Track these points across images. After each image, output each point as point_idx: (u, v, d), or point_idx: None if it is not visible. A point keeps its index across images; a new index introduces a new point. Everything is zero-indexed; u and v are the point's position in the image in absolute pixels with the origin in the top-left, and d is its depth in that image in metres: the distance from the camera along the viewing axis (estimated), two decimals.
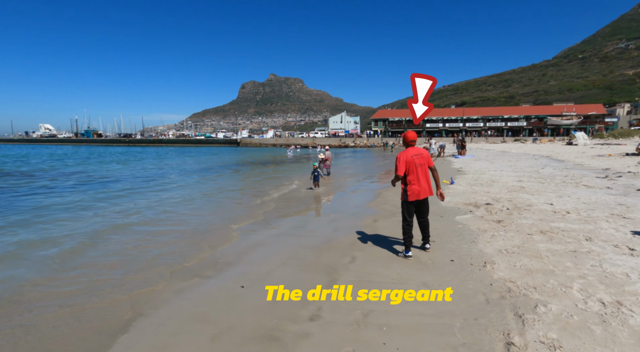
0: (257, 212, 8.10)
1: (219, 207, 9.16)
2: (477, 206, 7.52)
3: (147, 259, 4.89)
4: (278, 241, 5.67)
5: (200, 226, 6.88)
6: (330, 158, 16.47)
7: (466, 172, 14.87)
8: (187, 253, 5.13)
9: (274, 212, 8.15)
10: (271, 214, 7.90)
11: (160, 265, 4.64)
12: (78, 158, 33.93)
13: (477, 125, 76.08)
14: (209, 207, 9.14)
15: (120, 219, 7.62)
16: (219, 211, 8.55)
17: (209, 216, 7.91)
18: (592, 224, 5.60)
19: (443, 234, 5.53)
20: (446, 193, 9.57)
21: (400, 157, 4.37)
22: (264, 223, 7.03)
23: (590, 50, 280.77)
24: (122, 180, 15.73)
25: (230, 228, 6.62)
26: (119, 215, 7.99)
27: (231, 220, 7.32)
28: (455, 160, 22.52)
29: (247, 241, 5.74)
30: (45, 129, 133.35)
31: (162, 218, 7.66)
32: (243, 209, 8.75)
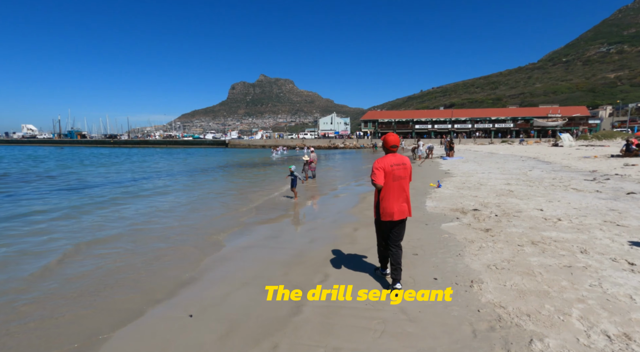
0: (232, 222, 7.51)
1: (192, 217, 8.51)
2: (464, 212, 7.10)
3: (92, 289, 4.26)
4: (247, 255, 5.11)
5: (166, 240, 6.24)
6: (315, 160, 15.94)
7: (454, 175, 14.54)
8: (141, 275, 4.51)
9: (251, 221, 7.58)
10: (247, 223, 7.32)
11: (105, 291, 4.02)
12: (57, 160, 32.58)
13: (465, 127, 76.73)
14: (181, 218, 8.50)
15: (77, 235, 6.92)
16: (191, 221, 7.91)
17: (179, 228, 7.28)
18: (585, 233, 5.21)
19: (427, 246, 5.06)
20: (433, 197, 9.15)
21: (379, 165, 3.52)
22: (238, 234, 6.45)
23: (574, 53, 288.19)
24: (98, 186, 14.89)
25: (200, 241, 6.02)
26: (78, 230, 7.28)
27: (203, 231, 6.72)
28: (444, 162, 22.28)
29: (214, 255, 5.16)
30: (28, 130, 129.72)
31: (125, 233, 7.00)
32: (219, 220, 8.13)
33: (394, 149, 3.63)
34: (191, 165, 26.89)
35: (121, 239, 6.22)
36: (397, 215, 3.57)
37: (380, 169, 3.51)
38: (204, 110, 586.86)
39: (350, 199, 9.98)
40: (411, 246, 5.07)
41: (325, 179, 15.99)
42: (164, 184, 14.80)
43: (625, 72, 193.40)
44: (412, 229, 6.05)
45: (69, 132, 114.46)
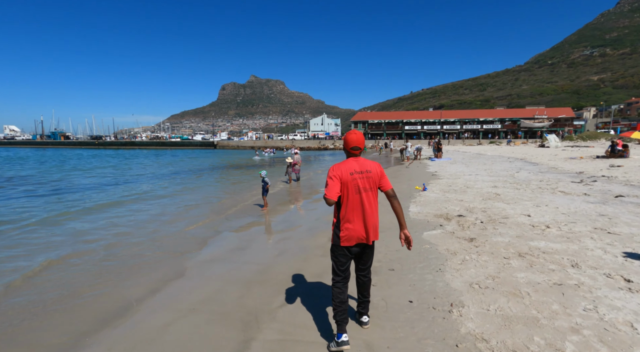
0: (203, 232, 6.94)
1: (161, 228, 7.90)
2: (448, 219, 6.67)
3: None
4: (206, 272, 4.56)
5: (120, 257, 5.63)
6: (299, 162, 15.42)
7: (441, 177, 14.20)
8: (74, 304, 3.91)
9: (221, 230, 7.02)
10: (217, 232, 6.77)
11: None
12: (35, 162, 31.27)
13: (454, 128, 77.22)
14: (149, 229, 7.88)
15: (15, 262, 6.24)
16: (160, 233, 7.29)
17: (145, 242, 6.67)
18: (575, 243, 4.82)
19: (406, 259, 4.59)
20: (417, 201, 8.73)
21: (334, 173, 2.61)
22: (204, 245, 5.89)
23: (559, 56, 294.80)
24: (57, 192, 14.07)
25: (161, 256, 5.44)
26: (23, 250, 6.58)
27: (168, 244, 6.13)
28: (432, 164, 22.02)
29: (170, 273, 4.59)
30: (10, 131, 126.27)
31: (78, 251, 6.36)
32: (190, 231, 7.54)
33: (355, 151, 2.72)
34: (172, 167, 26.05)
35: (69, 260, 5.58)
36: (362, 239, 2.66)
37: (335, 178, 2.59)
38: (194, 111, 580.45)
39: None
40: (388, 259, 4.60)
41: (309, 182, 15.49)
42: (136, 192, 14.05)
43: (607, 74, 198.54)
44: (391, 238, 5.59)
45: (52, 133, 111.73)
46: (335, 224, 2.74)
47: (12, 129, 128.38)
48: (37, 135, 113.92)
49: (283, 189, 13.57)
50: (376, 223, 2.75)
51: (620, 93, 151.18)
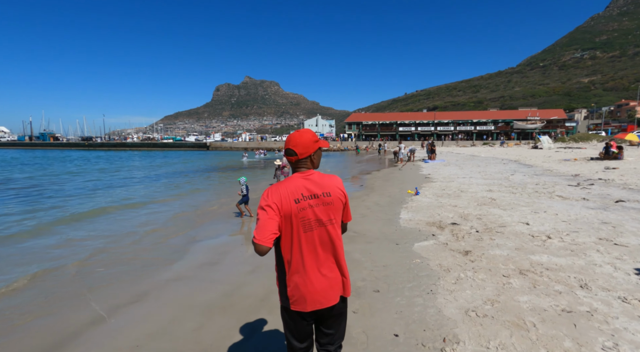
0: (176, 243, 6.36)
1: (138, 242, 7.28)
2: (441, 227, 6.17)
3: None
4: (164, 294, 3.99)
5: (81, 278, 5.03)
6: (287, 165, 14.87)
7: (434, 180, 13.76)
8: (7, 341, 3.32)
9: (200, 236, 6.45)
10: (190, 243, 6.19)
11: None
12: (18, 164, 30.25)
13: (448, 129, 77.31)
14: (123, 243, 7.26)
15: None
16: (132, 247, 6.69)
17: (108, 263, 6.06)
18: (581, 257, 4.35)
19: (394, 276, 4.07)
20: (409, 207, 8.24)
21: (269, 200, 1.65)
22: (172, 260, 5.31)
23: (550, 59, 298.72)
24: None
25: (125, 273, 4.85)
26: None
27: (137, 259, 5.54)
28: (425, 166, 21.62)
29: (126, 296, 4.01)
30: (1, 132, 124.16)
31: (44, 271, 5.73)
32: (159, 246, 6.95)
33: (302, 160, 1.77)
34: (161, 170, 25.30)
35: (31, 282, 4.96)
36: (322, 298, 1.71)
37: (270, 210, 1.63)
38: (188, 112, 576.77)
39: None
40: (374, 277, 4.07)
41: None
42: (120, 197, 13.36)
43: (598, 77, 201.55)
44: (380, 250, 5.07)
45: (41, 134, 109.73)
46: (279, 278, 1.79)
47: (2, 130, 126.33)
48: (25, 136, 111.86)
49: None
50: (345, 271, 1.78)
51: (611, 95, 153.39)
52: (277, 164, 14.50)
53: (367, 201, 9.69)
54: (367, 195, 10.76)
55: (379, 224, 6.81)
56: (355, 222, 6.98)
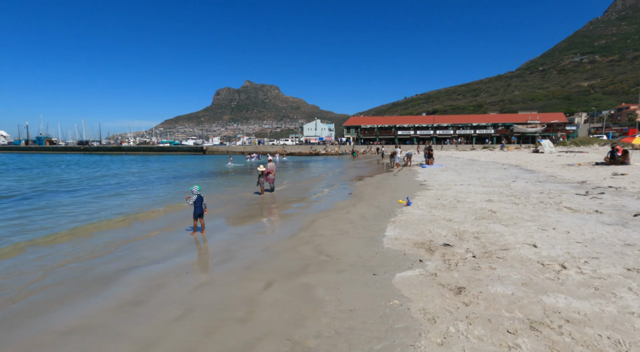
0: (104, 271, 5.30)
1: (66, 268, 6.24)
2: (431, 250, 5.13)
3: None
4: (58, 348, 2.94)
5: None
6: (273, 171, 13.82)
7: (429, 187, 12.72)
8: None
9: (140, 261, 5.41)
10: (127, 268, 5.15)
11: None
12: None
13: (447, 133, 76.41)
14: (49, 265, 6.21)
15: None
16: (55, 275, 5.64)
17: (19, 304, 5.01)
18: (610, 300, 3.31)
19: (360, 331, 3.02)
20: (397, 222, 7.19)
21: None
22: (95, 290, 4.27)
23: (550, 63, 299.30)
24: None
25: (24, 323, 3.80)
26: None
27: (53, 294, 4.50)
28: (422, 171, 20.59)
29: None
30: (0, 136, 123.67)
31: None
32: (94, 270, 5.89)
33: None
34: (139, 175, 24.28)
35: None
36: None
37: None
38: (188, 116, 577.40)
39: (296, 223, 7.90)
40: (333, 332, 3.02)
41: (285, 193, 13.89)
42: (73, 213, 12.29)
43: (597, 80, 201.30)
44: (351, 285, 4.03)
45: (38, 138, 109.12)
46: None
47: (2, 134, 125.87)
48: (21, 140, 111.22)
49: (252, 201, 11.97)
50: None
51: (610, 99, 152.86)
52: (260, 171, 13.49)
53: (352, 213, 8.65)
54: (353, 205, 9.71)
55: (358, 244, 5.76)
56: (331, 242, 5.94)
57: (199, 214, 7.11)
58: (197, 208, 7.03)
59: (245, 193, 13.88)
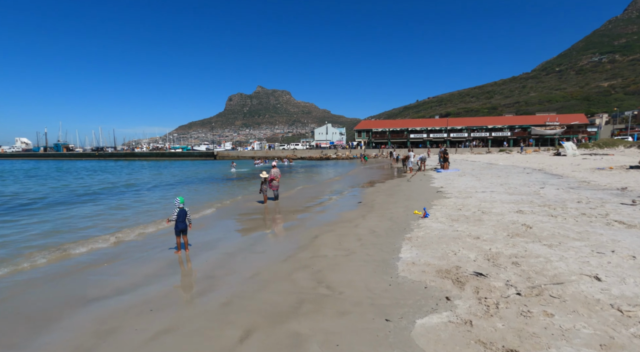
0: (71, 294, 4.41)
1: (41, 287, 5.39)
2: (459, 282, 4.03)
3: None
4: None
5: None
6: (278, 177, 12.88)
7: (447, 195, 11.52)
8: None
9: (121, 283, 4.51)
10: (97, 296, 4.24)
11: None
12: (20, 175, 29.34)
13: (461, 136, 74.32)
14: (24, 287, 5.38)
15: None
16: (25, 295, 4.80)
17: None
18: None
19: None
20: (414, 239, 6.09)
21: None
22: (57, 320, 3.35)
23: (567, 63, 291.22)
24: None
25: None
26: None
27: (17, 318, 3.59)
28: (437, 176, 19.31)
29: None
30: (22, 143, 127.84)
31: None
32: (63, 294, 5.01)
33: None
34: (138, 180, 23.75)
35: None
36: None
37: None
38: (201, 122, 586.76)
39: (295, 238, 6.88)
40: None
41: (290, 201, 12.92)
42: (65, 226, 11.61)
43: (618, 80, 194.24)
44: (356, 338, 2.97)
45: (56, 144, 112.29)
46: None
47: (24, 142, 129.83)
48: (40, 147, 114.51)
49: (253, 210, 11.05)
50: None
51: (633, 99, 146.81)
52: (262, 177, 12.56)
53: (360, 226, 7.58)
54: (362, 217, 8.64)
55: (367, 270, 4.71)
56: (334, 266, 4.90)
57: (182, 230, 6.18)
58: (179, 223, 6.11)
59: (247, 203, 12.97)
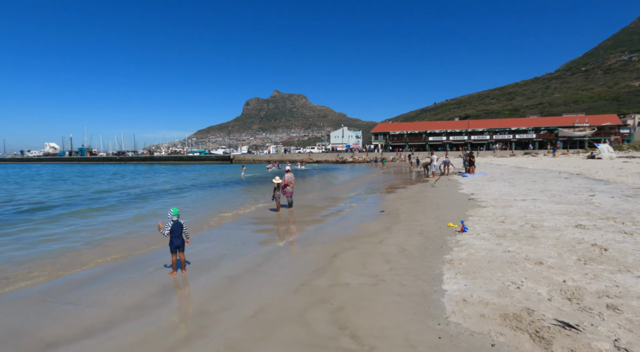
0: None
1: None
2: (542, 340, 2.84)
3: None
4: None
5: None
6: (292, 183, 11.88)
7: (482, 203, 10.19)
8: None
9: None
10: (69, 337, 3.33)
11: None
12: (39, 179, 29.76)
13: (483, 138, 71.51)
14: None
15: None
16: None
17: None
18: None
19: None
20: (456, 262, 4.91)
21: None
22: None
23: (593, 62, 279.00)
24: None
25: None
26: None
27: None
28: (464, 181, 17.84)
29: None
30: (51, 148, 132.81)
31: None
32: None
33: None
34: (142, 185, 23.30)
35: None
36: None
37: None
38: (219, 126, 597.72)
39: (310, 257, 5.81)
40: None
41: (303, 208, 11.89)
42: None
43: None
44: None
45: (80, 149, 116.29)
46: None
47: (52, 146, 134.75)
48: (65, 151, 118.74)
49: (265, 220, 10.08)
50: None
51: None
52: (275, 183, 11.59)
53: (387, 242, 6.43)
54: (387, 230, 7.48)
55: (404, 309, 3.58)
56: (359, 301, 3.80)
57: (177, 246, 5.24)
58: (174, 239, 5.17)
59: (258, 211, 12.04)
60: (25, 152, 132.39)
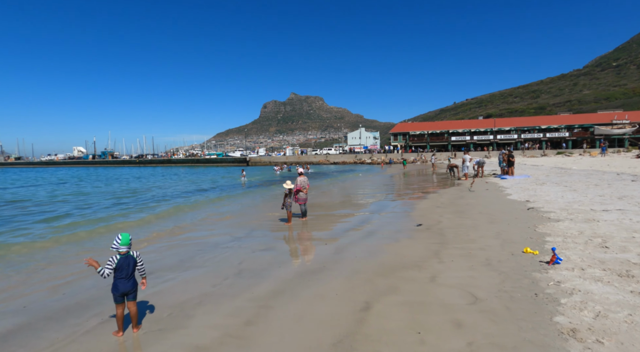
0: None
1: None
2: None
3: None
4: None
5: None
6: (305, 188, 9.89)
7: (549, 215, 7.86)
8: None
9: None
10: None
11: None
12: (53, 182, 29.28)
13: (510, 138, 67.36)
14: None
15: None
16: None
17: None
18: None
19: None
20: (589, 342, 2.78)
21: None
22: None
23: (626, 57, 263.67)
24: None
25: None
26: None
27: None
28: (505, 184, 15.36)
29: None
30: (79, 152, 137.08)
31: None
32: None
33: None
34: (151, 189, 21.90)
35: None
36: None
37: None
38: (237, 129, 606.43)
39: (328, 310, 3.80)
40: None
41: (318, 220, 9.90)
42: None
43: None
44: None
45: (102, 152, 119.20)
46: None
47: (80, 150, 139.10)
48: (89, 155, 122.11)
49: (273, 235, 8.16)
50: None
51: None
52: (286, 188, 9.63)
53: (442, 279, 4.32)
54: (436, 256, 5.35)
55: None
56: None
57: (126, 293, 3.36)
58: (120, 282, 3.29)
59: (265, 221, 10.16)
60: (53, 156, 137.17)
